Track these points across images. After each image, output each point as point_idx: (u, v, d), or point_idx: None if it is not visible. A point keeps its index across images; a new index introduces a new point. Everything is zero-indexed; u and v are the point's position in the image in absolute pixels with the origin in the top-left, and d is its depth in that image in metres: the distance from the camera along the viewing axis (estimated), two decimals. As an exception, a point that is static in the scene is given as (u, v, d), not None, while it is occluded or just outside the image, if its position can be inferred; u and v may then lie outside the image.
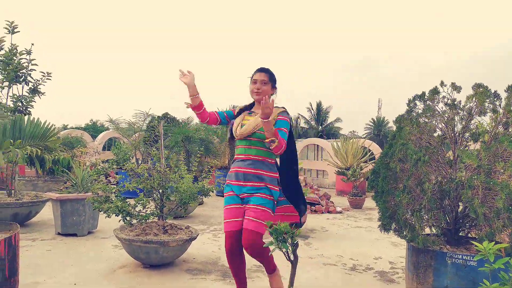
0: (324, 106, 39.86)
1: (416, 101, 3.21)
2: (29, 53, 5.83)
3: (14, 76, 5.66)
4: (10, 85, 5.74)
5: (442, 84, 3.09)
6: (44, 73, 6.01)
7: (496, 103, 2.97)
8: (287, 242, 2.05)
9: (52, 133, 2.88)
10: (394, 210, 3.02)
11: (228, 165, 10.40)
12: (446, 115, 3.07)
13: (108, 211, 3.87)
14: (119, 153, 9.79)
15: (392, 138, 3.21)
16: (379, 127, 40.62)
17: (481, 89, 3.00)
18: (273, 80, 2.83)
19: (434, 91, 3.10)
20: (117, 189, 4.07)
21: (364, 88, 76.68)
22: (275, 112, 2.69)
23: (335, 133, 36.40)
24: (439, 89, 3.10)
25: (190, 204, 4.33)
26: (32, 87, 5.92)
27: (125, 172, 4.50)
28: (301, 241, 5.21)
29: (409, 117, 3.16)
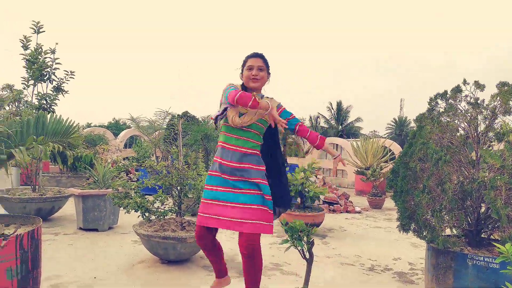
0: (345, 106, 39.46)
1: (438, 100, 3.15)
2: (53, 52, 5.97)
3: (39, 75, 5.83)
4: (35, 84, 5.91)
5: (465, 83, 3.02)
6: (68, 72, 6.14)
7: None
8: (303, 240, 2.04)
9: (74, 130, 2.94)
10: (414, 210, 2.97)
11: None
12: (469, 114, 3.00)
13: (128, 207, 3.94)
14: (140, 151, 9.94)
15: (412, 137, 3.16)
16: (401, 127, 39.97)
17: (506, 88, 2.92)
18: (268, 66, 2.67)
19: (457, 90, 3.04)
20: (136, 186, 4.14)
21: (386, 88, 75.59)
22: (275, 102, 2.63)
23: (356, 133, 35.95)
24: (462, 88, 3.03)
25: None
26: (56, 86, 6.07)
27: (144, 169, 4.56)
28: (319, 240, 5.18)
29: (430, 116, 3.10)
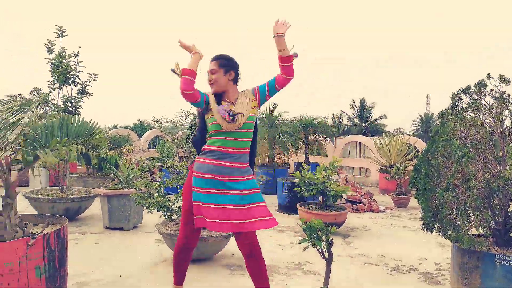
0: (368, 103, 38.77)
1: (461, 95, 3.06)
2: (77, 56, 6.13)
3: (64, 78, 5.99)
4: (61, 87, 6.08)
5: (489, 77, 2.92)
6: (91, 75, 6.30)
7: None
8: (321, 240, 2.02)
9: (97, 132, 3.01)
10: (437, 209, 2.90)
11: (269, 163, 10.42)
12: (494, 109, 2.90)
13: (150, 207, 4.01)
14: (163, 151, 10.08)
15: (435, 134, 3.08)
16: (427, 124, 39.00)
17: (534, 81, 2.81)
18: (225, 65, 2.57)
19: (481, 84, 2.94)
20: (158, 186, 4.20)
21: (412, 84, 74.01)
22: (249, 93, 2.61)
23: (380, 130, 35.29)
24: (486, 82, 2.93)
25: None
26: (80, 88, 6.24)
27: (166, 169, 4.63)
28: (341, 240, 5.12)
29: (453, 112, 3.02)
